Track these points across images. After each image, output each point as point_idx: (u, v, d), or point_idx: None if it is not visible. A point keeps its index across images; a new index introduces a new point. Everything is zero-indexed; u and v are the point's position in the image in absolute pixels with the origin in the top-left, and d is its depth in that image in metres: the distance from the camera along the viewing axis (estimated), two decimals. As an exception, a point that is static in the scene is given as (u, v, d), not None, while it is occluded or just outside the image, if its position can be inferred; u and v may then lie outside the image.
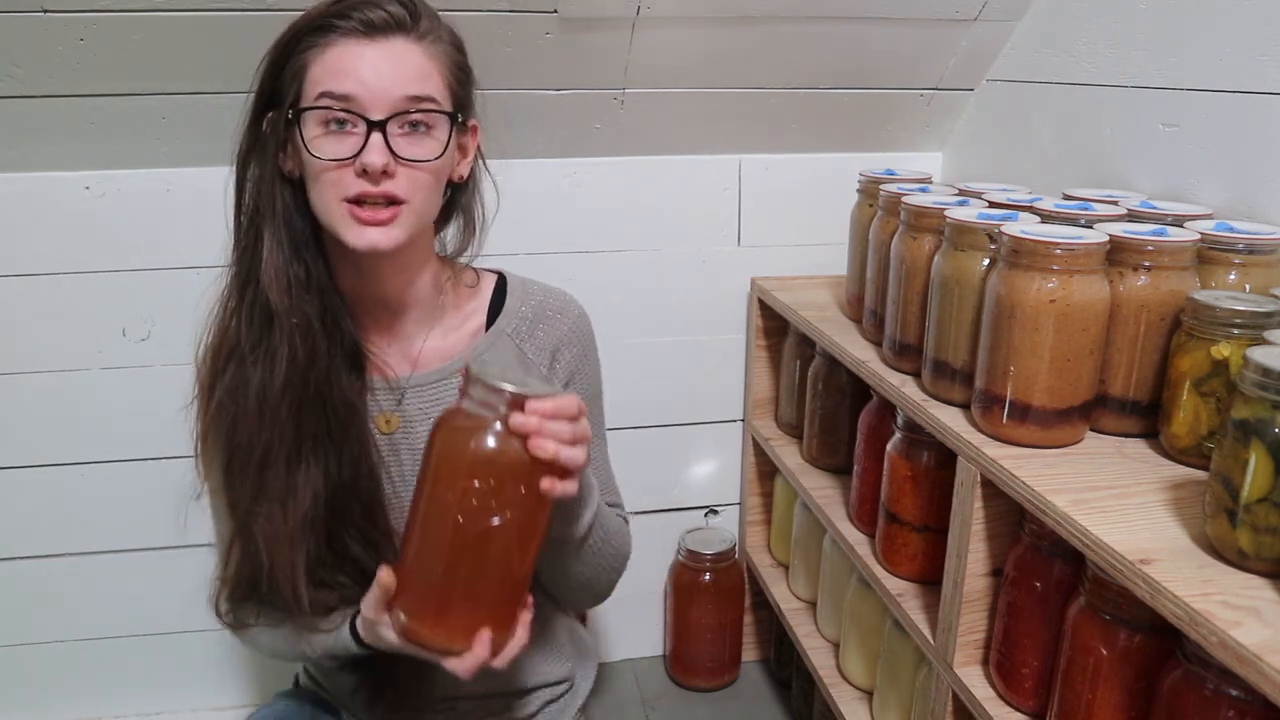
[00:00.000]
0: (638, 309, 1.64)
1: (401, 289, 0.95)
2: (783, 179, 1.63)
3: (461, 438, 0.75)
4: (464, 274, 1.03)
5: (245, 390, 0.88)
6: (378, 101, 0.83)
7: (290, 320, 0.86)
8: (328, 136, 0.83)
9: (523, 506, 0.76)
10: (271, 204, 0.87)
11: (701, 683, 1.78)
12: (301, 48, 0.83)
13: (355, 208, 0.85)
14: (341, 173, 0.83)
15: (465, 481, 0.75)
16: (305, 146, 0.83)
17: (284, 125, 0.85)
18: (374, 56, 0.83)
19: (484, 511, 0.75)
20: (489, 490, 0.75)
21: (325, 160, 0.83)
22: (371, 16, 0.83)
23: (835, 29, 1.39)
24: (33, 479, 1.53)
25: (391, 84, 0.83)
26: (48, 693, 1.65)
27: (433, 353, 0.97)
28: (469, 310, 1.01)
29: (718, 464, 1.77)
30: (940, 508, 1.08)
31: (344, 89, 0.82)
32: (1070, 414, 0.91)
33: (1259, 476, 0.67)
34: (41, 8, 1.16)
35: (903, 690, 1.22)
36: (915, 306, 1.11)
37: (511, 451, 0.74)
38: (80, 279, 1.45)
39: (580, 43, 1.34)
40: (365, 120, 0.82)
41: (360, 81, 0.82)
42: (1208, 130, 1.10)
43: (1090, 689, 0.82)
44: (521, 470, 0.75)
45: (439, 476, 0.76)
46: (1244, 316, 0.81)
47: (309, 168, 0.85)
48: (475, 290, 1.03)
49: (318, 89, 0.83)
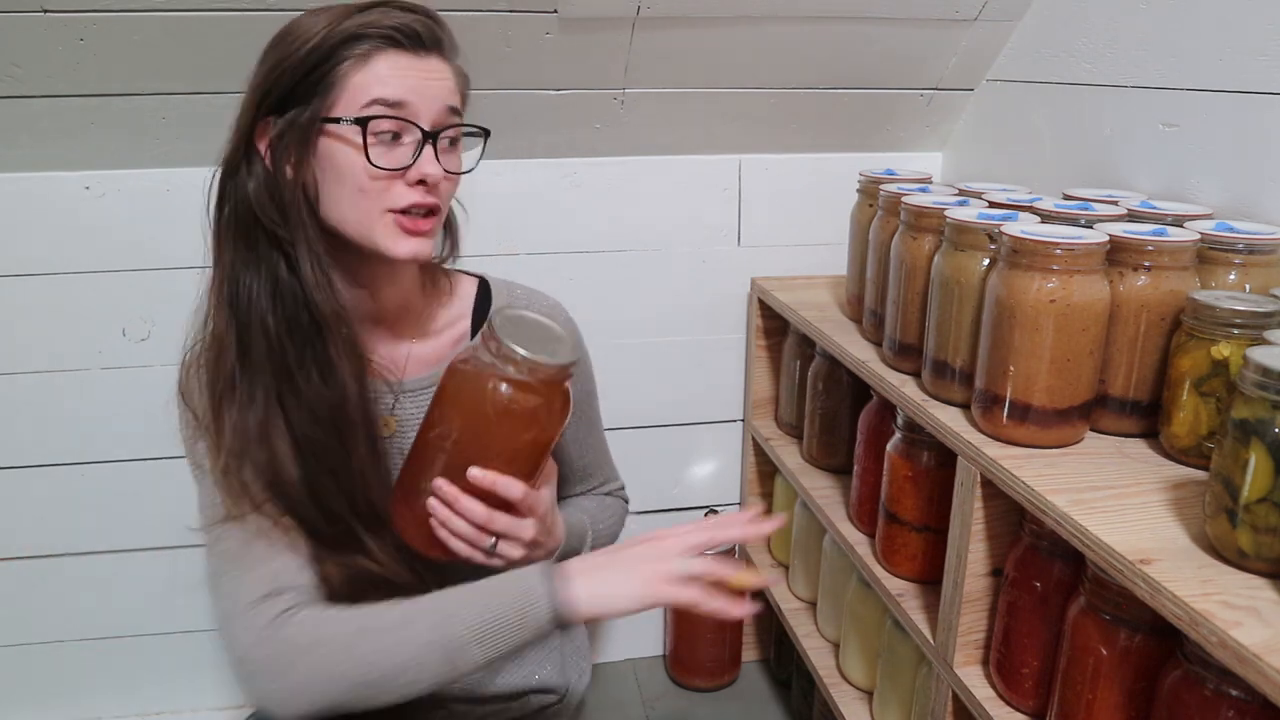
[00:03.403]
0: (638, 309, 1.64)
1: (395, 296, 0.95)
2: (783, 179, 1.63)
3: (462, 381, 0.83)
4: (440, 279, 1.03)
5: (315, 404, 0.85)
6: (429, 112, 0.84)
7: (341, 331, 0.86)
8: (379, 146, 0.83)
9: (491, 447, 0.83)
10: (299, 214, 0.84)
11: (701, 683, 1.78)
12: (337, 56, 0.81)
13: (402, 218, 0.85)
14: (391, 183, 0.84)
15: (451, 412, 0.83)
16: (366, 154, 0.82)
17: (310, 133, 0.83)
18: (421, 68, 0.84)
19: (450, 427, 0.83)
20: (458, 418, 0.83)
21: (384, 170, 0.82)
22: (415, 29, 0.83)
23: (835, 29, 1.39)
24: (33, 479, 1.53)
25: (437, 96, 0.84)
26: (48, 693, 1.65)
27: (421, 358, 0.98)
28: (453, 315, 1.01)
29: (718, 464, 1.78)
30: (940, 508, 1.08)
31: (399, 96, 0.82)
32: (1070, 414, 0.91)
33: (1259, 476, 0.67)
34: (41, 8, 1.16)
35: (903, 690, 1.22)
36: (915, 306, 1.11)
37: (499, 399, 0.81)
38: (80, 279, 1.45)
39: (580, 43, 1.34)
40: (421, 130, 0.83)
41: (411, 89, 0.82)
42: (1208, 130, 1.10)
43: (1090, 689, 0.82)
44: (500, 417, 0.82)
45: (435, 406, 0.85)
46: (1244, 316, 0.81)
47: (348, 176, 0.83)
48: (455, 294, 1.03)
49: (366, 96, 0.81)
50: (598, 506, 1.12)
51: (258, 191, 0.84)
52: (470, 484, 0.82)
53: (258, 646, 0.80)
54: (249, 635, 0.81)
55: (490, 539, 0.84)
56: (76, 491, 1.55)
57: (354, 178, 0.83)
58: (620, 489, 1.19)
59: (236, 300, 0.85)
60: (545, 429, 0.84)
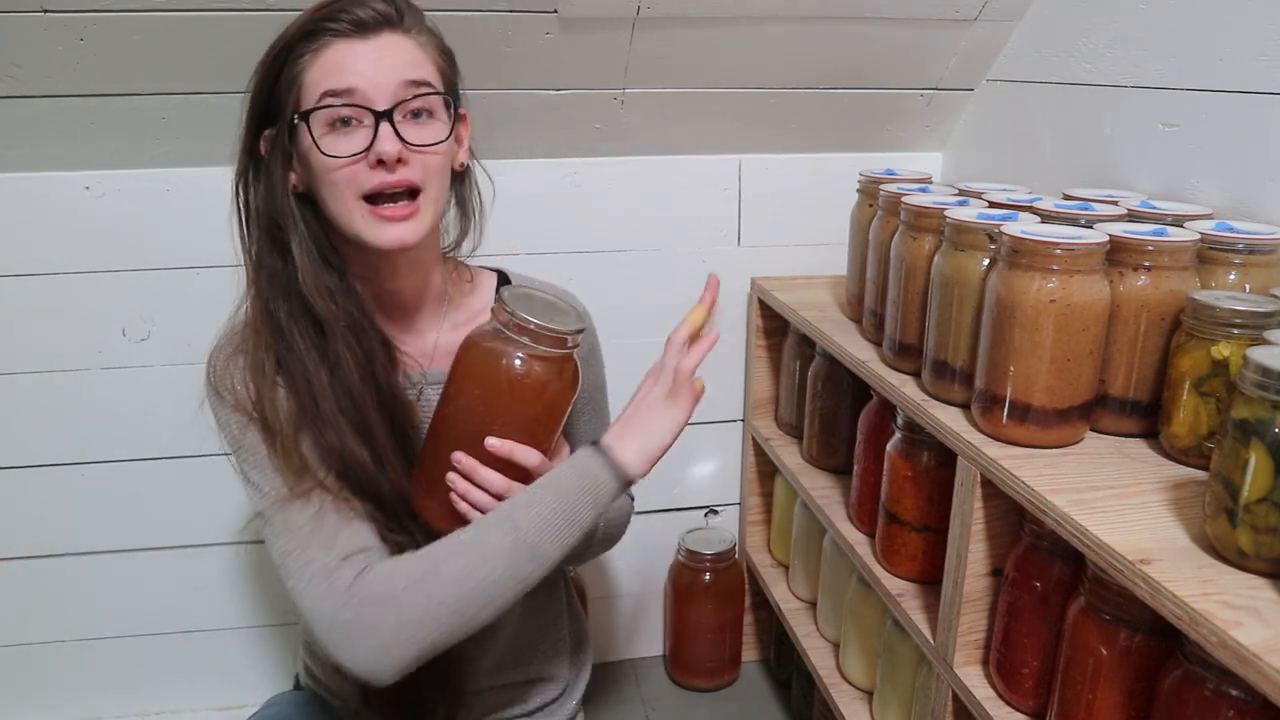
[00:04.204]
0: (638, 309, 1.64)
1: (416, 285, 0.96)
2: (783, 179, 1.63)
3: (475, 354, 0.86)
4: (462, 268, 1.04)
5: (326, 397, 0.87)
6: (380, 92, 0.83)
7: (340, 325, 0.87)
8: (335, 135, 0.84)
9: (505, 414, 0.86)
10: (291, 219, 0.87)
11: (701, 683, 1.78)
12: (294, 56, 0.84)
13: (375, 207, 0.85)
14: (355, 169, 0.84)
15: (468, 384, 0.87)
16: (317, 146, 0.83)
17: (288, 137, 0.85)
18: (369, 51, 0.84)
19: (465, 396, 0.87)
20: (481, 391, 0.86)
21: (339, 158, 0.83)
22: (362, 15, 0.83)
23: (835, 29, 1.39)
24: (33, 479, 1.53)
25: (390, 73, 0.84)
26: (48, 693, 1.65)
27: (448, 348, 0.97)
28: (476, 307, 1.02)
29: (718, 464, 1.77)
30: (940, 508, 1.08)
31: (345, 84, 0.83)
32: (1070, 414, 0.91)
33: (1259, 476, 0.67)
34: (41, 8, 1.16)
35: (903, 690, 1.22)
36: (915, 306, 1.11)
37: (513, 371, 0.85)
38: (80, 279, 1.45)
39: (580, 43, 1.34)
40: (371, 112, 0.83)
41: (359, 74, 0.83)
42: (1208, 130, 1.09)
43: (1090, 689, 0.82)
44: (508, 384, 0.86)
45: (453, 379, 0.88)
46: (1244, 316, 0.81)
47: (320, 171, 0.85)
48: (477, 286, 1.04)
49: (318, 91, 0.83)
50: None
51: (260, 196, 0.88)
52: (488, 454, 0.85)
53: (343, 610, 0.80)
54: (331, 601, 0.80)
55: None
56: (76, 491, 1.55)
57: (323, 172, 0.85)
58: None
59: (259, 294, 0.89)
60: (557, 396, 0.88)
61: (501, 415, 0.86)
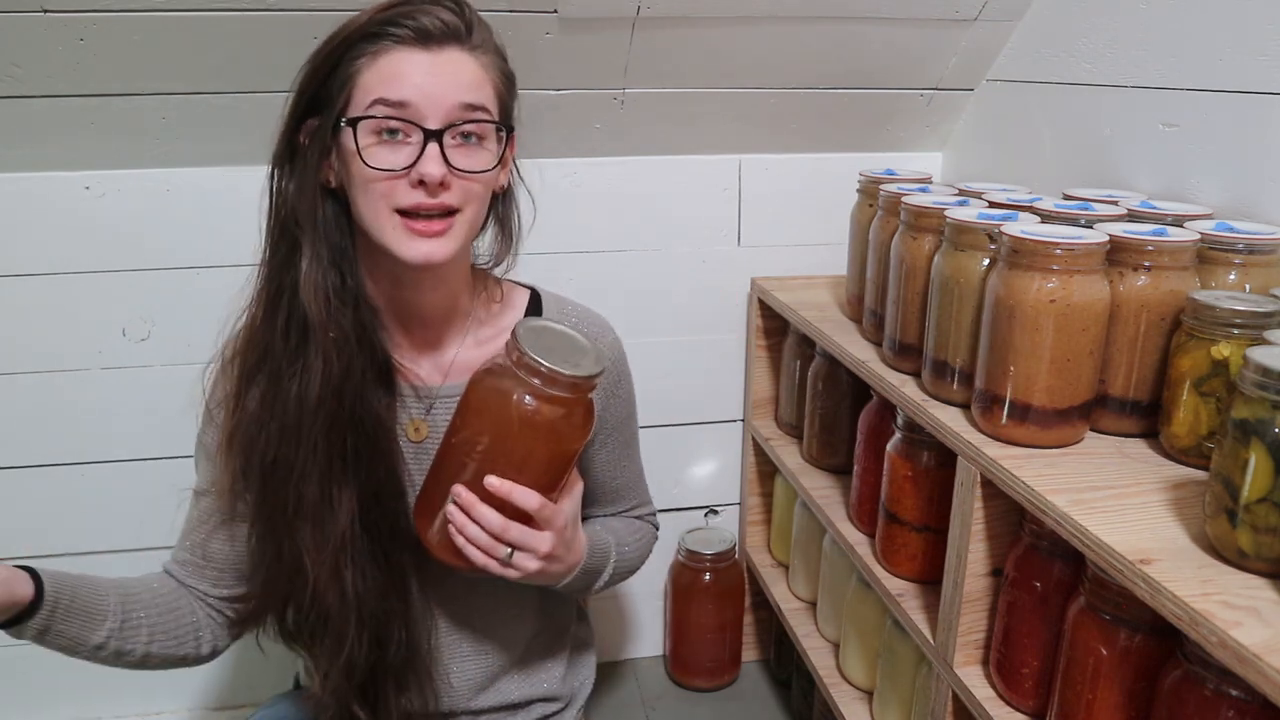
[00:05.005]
0: (638, 309, 1.64)
1: (439, 301, 0.94)
2: (783, 179, 1.63)
3: (484, 390, 0.84)
4: (494, 287, 1.01)
5: (281, 403, 0.85)
6: (434, 109, 0.81)
7: (327, 334, 0.85)
8: (381, 146, 0.81)
9: (511, 456, 0.84)
10: (312, 215, 0.85)
11: (701, 683, 1.78)
12: (351, 55, 0.81)
13: (409, 220, 0.83)
14: (394, 184, 0.81)
15: (474, 420, 0.84)
16: (359, 155, 0.81)
17: (330, 134, 0.83)
18: (430, 64, 0.81)
19: (472, 440, 0.84)
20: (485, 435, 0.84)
21: (380, 170, 0.81)
22: (427, 24, 0.80)
23: (835, 29, 1.39)
24: (33, 479, 1.53)
25: (447, 92, 0.81)
26: (48, 693, 1.65)
27: (465, 364, 0.95)
28: (503, 324, 0.99)
29: (718, 464, 1.78)
30: (940, 508, 1.08)
31: (400, 95, 0.80)
32: (1070, 414, 0.91)
33: (1259, 476, 0.67)
34: (41, 8, 1.16)
35: (903, 690, 1.22)
36: (915, 306, 1.11)
37: (523, 410, 0.82)
38: (80, 279, 1.45)
39: (580, 43, 1.34)
40: (421, 129, 0.80)
41: (415, 87, 0.80)
42: (1208, 130, 1.10)
43: (1090, 689, 0.82)
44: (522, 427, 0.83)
45: (460, 414, 0.86)
46: (1244, 316, 0.81)
47: (358, 178, 0.82)
48: (506, 304, 1.01)
49: (370, 96, 0.80)
50: (626, 528, 1.10)
51: (291, 186, 0.86)
52: (488, 492, 0.82)
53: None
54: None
55: (506, 549, 0.84)
56: (76, 491, 1.55)
57: (362, 180, 0.82)
58: (651, 514, 1.17)
59: (267, 280, 0.88)
60: (566, 441, 0.84)
61: (507, 454, 0.83)
